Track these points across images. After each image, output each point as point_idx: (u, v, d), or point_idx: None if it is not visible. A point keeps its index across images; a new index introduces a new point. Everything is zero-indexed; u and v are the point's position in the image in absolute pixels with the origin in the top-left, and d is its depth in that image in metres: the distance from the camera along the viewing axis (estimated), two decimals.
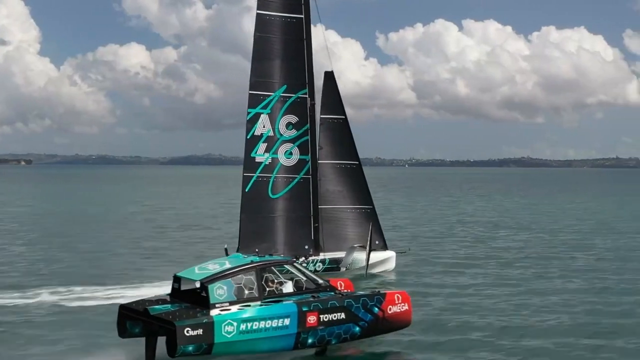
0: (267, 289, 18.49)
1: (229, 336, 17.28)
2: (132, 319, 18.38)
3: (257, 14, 31.07)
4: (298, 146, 31.51)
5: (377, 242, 32.13)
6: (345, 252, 31.73)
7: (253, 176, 31.21)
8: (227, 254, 30.54)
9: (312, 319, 18.25)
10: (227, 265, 18.57)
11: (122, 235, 49.42)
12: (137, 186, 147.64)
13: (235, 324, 17.38)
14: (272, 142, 31.30)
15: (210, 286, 17.70)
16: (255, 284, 18.24)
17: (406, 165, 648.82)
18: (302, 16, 31.47)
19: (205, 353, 17.32)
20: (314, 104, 31.64)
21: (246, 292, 18.11)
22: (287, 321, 17.94)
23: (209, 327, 17.11)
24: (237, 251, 31.08)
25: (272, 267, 19.15)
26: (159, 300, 18.58)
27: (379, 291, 20.04)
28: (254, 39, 31.17)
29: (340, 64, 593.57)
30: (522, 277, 32.65)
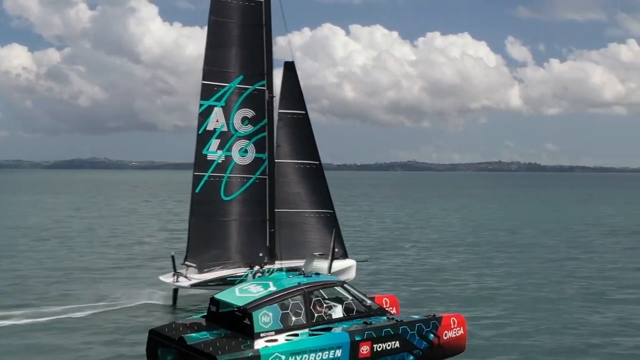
0: (316, 315, 16.12)
1: None
2: (165, 346, 15.78)
3: None
4: (254, 143, 28.56)
5: (337, 250, 29.43)
6: (304, 261, 28.90)
7: (204, 176, 28.10)
8: (173, 262, 27.52)
9: (365, 350, 16.06)
10: (272, 288, 16.06)
11: None
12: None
13: (283, 357, 14.98)
14: (225, 139, 28.27)
15: (254, 313, 15.23)
16: (303, 309, 15.91)
17: None
18: (262, 0, 28.54)
19: None
20: (273, 97, 28.75)
21: (293, 318, 15.73)
22: (338, 353, 15.74)
23: None
24: (185, 260, 27.99)
25: (320, 290, 16.73)
26: (194, 325, 16.03)
27: (434, 315, 17.84)
28: (209, 23, 28.03)
29: None
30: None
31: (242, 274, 27.48)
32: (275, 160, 28.92)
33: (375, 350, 16.17)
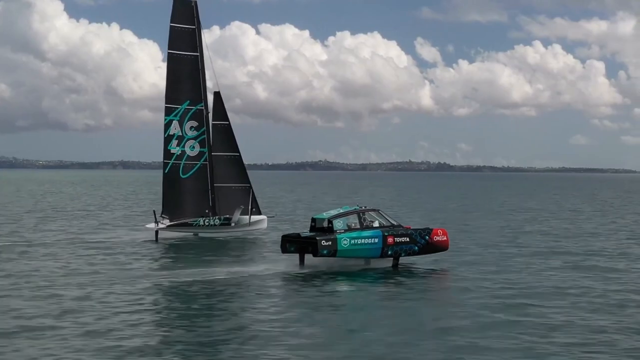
0: (364, 224, 30.90)
1: (345, 246, 29.96)
2: (290, 242, 31.12)
3: (169, 52, 45.50)
4: (199, 142, 45.98)
5: (254, 209, 46.77)
6: (233, 214, 46.39)
7: (169, 162, 45.41)
8: (154, 215, 45.09)
9: (390, 240, 30.84)
10: (342, 211, 31.67)
11: None
12: None
13: (348, 239, 30.11)
14: (181, 140, 45.67)
15: (334, 221, 30.61)
16: (358, 221, 30.89)
17: None
18: (198, 54, 46.34)
19: (332, 256, 29.93)
20: (208, 113, 46.47)
21: (352, 225, 30.74)
22: (376, 240, 30.61)
23: (334, 240, 29.88)
24: (162, 214, 45.41)
25: (367, 212, 31.59)
26: (305, 232, 31.84)
27: (428, 227, 32.78)
28: (168, 70, 45.49)
29: (136, 65, 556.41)
30: None
31: (195, 220, 45.18)
32: (212, 153, 46.57)
33: (395, 241, 30.76)
